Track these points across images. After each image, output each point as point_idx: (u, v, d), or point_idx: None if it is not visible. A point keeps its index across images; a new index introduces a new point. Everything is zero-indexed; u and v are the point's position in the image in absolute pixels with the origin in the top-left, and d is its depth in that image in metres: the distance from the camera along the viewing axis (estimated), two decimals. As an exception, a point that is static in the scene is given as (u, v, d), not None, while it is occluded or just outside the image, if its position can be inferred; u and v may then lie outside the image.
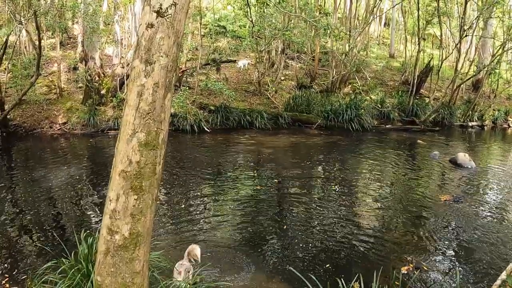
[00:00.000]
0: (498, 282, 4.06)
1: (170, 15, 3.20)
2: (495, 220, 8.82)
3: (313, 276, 4.75)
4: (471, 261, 7.03)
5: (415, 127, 18.14)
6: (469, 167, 12.40)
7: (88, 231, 5.53)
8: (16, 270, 6.41)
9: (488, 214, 9.18)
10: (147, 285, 3.50)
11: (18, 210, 8.77)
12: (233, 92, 17.25)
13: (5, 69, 15.86)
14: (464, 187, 10.93)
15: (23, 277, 6.15)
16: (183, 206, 9.15)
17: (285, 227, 8.21)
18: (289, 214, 9.03)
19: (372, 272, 5.02)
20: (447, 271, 6.82)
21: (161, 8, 3.18)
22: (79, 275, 4.75)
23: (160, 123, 3.19)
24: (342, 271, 6.16)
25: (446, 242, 7.73)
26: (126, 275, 3.31)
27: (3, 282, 6.06)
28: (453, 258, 7.18)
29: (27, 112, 15.66)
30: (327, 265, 6.77)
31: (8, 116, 14.95)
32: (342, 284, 4.57)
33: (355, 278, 4.56)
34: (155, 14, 3.18)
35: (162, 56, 3.15)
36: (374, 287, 4.56)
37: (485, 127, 19.79)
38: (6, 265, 6.56)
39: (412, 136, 17.13)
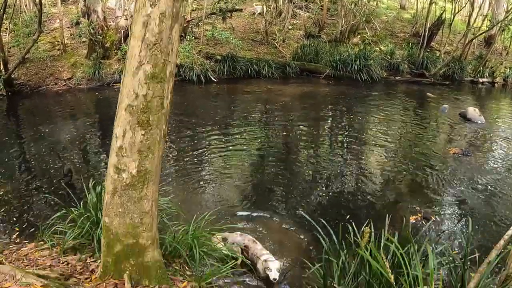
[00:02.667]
0: (510, 232, 3.95)
1: None
2: (504, 174, 8.70)
3: (323, 220, 4.69)
4: (479, 214, 6.97)
5: (424, 80, 17.75)
6: (479, 122, 12.18)
7: (96, 180, 5.48)
8: (26, 223, 6.42)
9: (497, 168, 9.07)
10: (156, 226, 3.40)
11: (27, 165, 8.76)
12: (240, 42, 16.96)
13: (6, 29, 15.44)
14: (473, 141, 10.77)
15: (34, 230, 6.17)
16: (191, 154, 9.08)
17: (293, 175, 8.14)
18: (297, 163, 8.95)
19: (381, 220, 4.95)
20: (455, 222, 6.78)
21: None
22: (88, 223, 4.71)
23: (168, 54, 3.00)
24: (350, 218, 6.13)
25: (455, 194, 7.65)
26: (134, 215, 3.21)
27: (14, 236, 6.08)
28: (461, 210, 7.12)
29: (31, 70, 15.39)
30: (336, 212, 6.74)
31: (12, 76, 14.68)
32: (353, 228, 4.51)
33: (366, 223, 4.48)
34: None
35: (168, -17, 2.93)
36: (383, 234, 4.49)
37: (496, 84, 19.33)
38: (16, 219, 6.57)
39: (422, 89, 16.81)
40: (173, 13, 2.99)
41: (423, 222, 6.52)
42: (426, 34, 18.66)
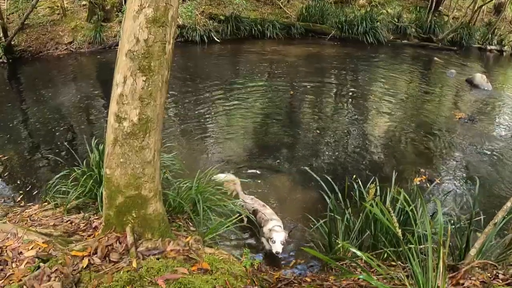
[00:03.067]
0: None
1: None
2: (510, 141, 8.59)
3: (328, 177, 4.64)
4: (484, 179, 6.90)
5: (432, 45, 17.39)
6: (486, 88, 11.98)
7: (99, 139, 5.42)
8: (30, 186, 6.42)
9: (503, 135, 8.94)
10: (159, 177, 3.32)
11: (29, 129, 8.71)
12: (243, 1, 16.50)
13: (4, -5, 15.18)
14: (480, 108, 10.62)
15: (38, 192, 6.16)
16: (195, 112, 9.01)
17: (298, 133, 8.07)
18: (302, 122, 8.87)
19: (385, 180, 4.90)
20: (460, 185, 6.73)
21: None
22: (91, 181, 4.68)
23: (169, -3, 2.87)
24: (355, 176, 6.06)
25: (460, 158, 7.58)
26: (136, 165, 3.12)
27: (19, 199, 6.07)
28: (466, 174, 7.06)
29: (31, 36, 15.07)
30: (341, 170, 6.70)
31: (12, 42, 14.43)
32: (358, 185, 4.45)
33: (371, 181, 4.42)
34: None
35: None
36: (389, 192, 4.43)
37: (504, 53, 18.94)
38: (20, 182, 6.56)
39: (428, 53, 16.48)
40: (174, -47, 2.85)
41: (428, 184, 6.47)
42: (435, -3, 18.23)
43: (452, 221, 4.45)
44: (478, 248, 3.58)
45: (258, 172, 6.52)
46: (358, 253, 2.78)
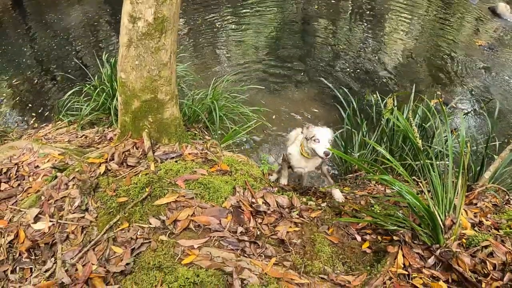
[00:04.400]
0: None
1: None
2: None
3: (344, 88, 4.54)
4: (502, 105, 6.75)
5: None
6: (509, 19, 11.45)
7: (109, 53, 5.31)
8: (42, 107, 6.41)
9: (523, 66, 8.66)
10: (175, 80, 3.24)
11: (37, 52, 8.60)
12: None
13: None
14: (501, 37, 10.22)
15: (50, 113, 6.14)
16: (206, 23, 8.79)
17: (312, 47, 7.91)
18: (316, 36, 8.66)
19: (402, 98, 4.79)
20: (476, 109, 6.61)
21: None
22: (104, 94, 4.63)
23: None
24: (372, 91, 5.97)
25: (478, 84, 7.40)
26: (152, 67, 3.03)
27: (32, 121, 6.07)
28: (483, 99, 6.91)
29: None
30: (357, 84, 6.59)
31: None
32: (377, 96, 4.36)
33: (389, 96, 4.32)
34: None
35: None
36: (407, 107, 4.35)
37: (532, -16, 18.00)
38: (32, 105, 6.54)
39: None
40: None
41: (444, 107, 6.35)
42: None
43: (469, 143, 4.39)
44: (492, 171, 3.57)
45: (272, 85, 6.42)
46: (381, 149, 2.73)
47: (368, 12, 10.60)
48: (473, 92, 7.14)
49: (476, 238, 2.48)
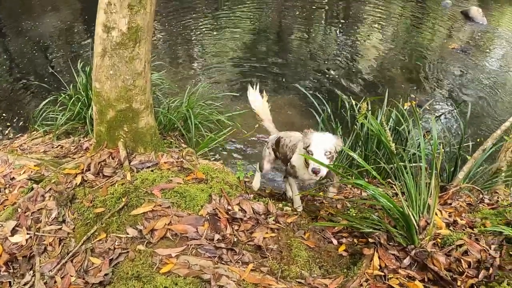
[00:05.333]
0: (507, 123, 3.90)
1: None
2: (502, 75, 8.56)
3: (319, 95, 4.61)
4: (475, 109, 6.92)
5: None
6: (481, 22, 11.75)
7: (84, 62, 5.28)
8: (17, 117, 6.31)
9: (495, 68, 8.91)
10: (150, 89, 3.25)
11: (10, 60, 8.46)
12: None
13: None
14: (473, 40, 10.50)
15: (25, 123, 6.06)
16: (181, 30, 8.79)
17: (288, 54, 7.98)
18: (292, 43, 8.75)
19: (375, 102, 4.87)
20: (449, 111, 6.76)
21: None
22: (79, 104, 4.60)
23: None
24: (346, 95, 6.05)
25: (451, 86, 7.58)
26: (127, 77, 3.04)
27: (6, 132, 5.99)
28: (456, 102, 7.08)
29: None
30: (332, 89, 6.68)
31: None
32: (352, 103, 4.43)
33: (363, 99, 4.40)
34: None
35: None
36: (380, 111, 4.44)
37: (502, -13, 18.48)
38: (6, 115, 6.45)
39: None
40: None
41: (418, 110, 6.48)
42: None
43: (442, 145, 4.49)
44: (466, 171, 3.67)
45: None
46: (354, 155, 2.80)
47: (342, 17, 10.79)
48: (446, 95, 7.31)
49: (450, 237, 2.55)
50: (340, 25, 10.26)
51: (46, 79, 7.10)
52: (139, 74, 3.08)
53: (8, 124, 6.27)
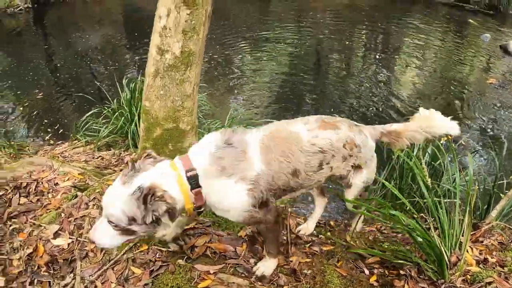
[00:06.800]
0: None
1: None
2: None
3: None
4: (510, 146, 6.80)
5: (467, 6, 16.67)
6: (521, 57, 11.61)
7: (129, 78, 5.49)
8: (59, 125, 6.56)
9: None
10: (196, 111, 3.42)
11: (56, 71, 8.85)
12: None
13: None
14: (512, 76, 10.35)
15: (66, 131, 6.30)
16: (222, 56, 9.01)
17: (325, 86, 8.05)
18: (329, 74, 8.84)
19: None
20: (485, 147, 6.68)
21: None
22: (122, 119, 4.78)
23: None
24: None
25: (488, 121, 7.48)
26: (176, 98, 3.21)
27: (47, 137, 6.21)
28: (492, 138, 6.98)
29: (56, -20, 15.08)
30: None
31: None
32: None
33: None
34: None
35: None
36: (416, 146, 4.45)
37: (543, 21, 18.21)
38: (49, 121, 6.69)
39: (464, 15, 15.80)
40: None
41: (453, 144, 6.44)
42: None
43: (476, 181, 4.46)
44: (499, 210, 3.65)
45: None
46: (389, 186, 2.86)
47: (380, 49, 10.83)
48: (482, 130, 7.23)
49: (480, 275, 2.58)
50: (378, 56, 10.30)
51: (89, 91, 7.38)
52: (188, 96, 3.24)
53: (49, 130, 6.51)
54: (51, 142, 5.97)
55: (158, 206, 1.92)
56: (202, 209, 2.21)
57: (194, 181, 2.06)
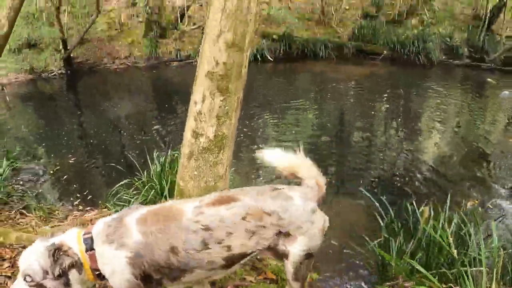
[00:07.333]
0: None
1: None
2: None
3: (383, 199, 4.72)
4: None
5: (484, 65, 16.97)
6: (541, 112, 11.62)
7: (159, 152, 5.69)
8: (87, 191, 6.74)
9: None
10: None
11: (88, 138, 9.21)
12: (296, 20, 16.80)
13: (65, 10, 16.03)
14: (534, 131, 10.34)
15: (93, 197, 6.46)
16: (247, 129, 9.22)
17: (348, 154, 8.16)
18: (352, 142, 8.95)
19: (437, 203, 4.90)
20: (510, 213, 6.60)
21: None
22: (153, 191, 4.92)
23: (247, 24, 3.09)
24: (407, 198, 6.08)
25: (512, 184, 7.42)
26: (209, 179, 3.35)
27: (76, 203, 6.39)
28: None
29: (89, 50, 15.99)
30: (394, 192, 6.73)
31: (71, 55, 15.38)
32: (414, 206, 4.50)
33: (425, 203, 4.47)
34: None
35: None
36: (442, 215, 4.46)
37: (560, 72, 18.28)
38: (79, 187, 6.89)
39: (481, 74, 16.07)
40: (251, -17, 3.08)
41: (480, 209, 6.40)
42: (487, 16, 17.85)
43: (504, 247, 4.42)
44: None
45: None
46: (419, 267, 2.88)
47: (401, 113, 11.02)
48: (508, 192, 7.17)
49: None
50: (400, 123, 10.46)
51: (120, 160, 7.61)
52: (221, 177, 3.38)
53: (78, 195, 6.68)
54: (80, 207, 6.11)
55: (63, 260, 2.23)
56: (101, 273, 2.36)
57: (88, 243, 2.31)
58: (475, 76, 16.00)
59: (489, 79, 15.22)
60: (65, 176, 7.30)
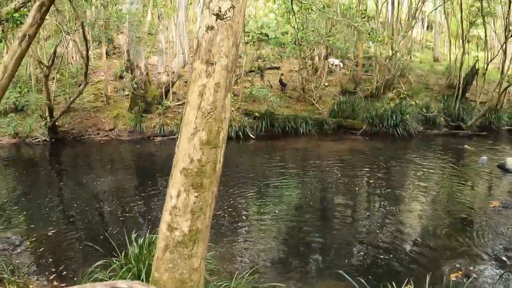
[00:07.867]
0: None
1: (229, 17, 3.28)
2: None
3: (362, 280, 4.71)
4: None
5: (461, 132, 17.60)
6: (518, 172, 11.91)
7: (138, 233, 5.67)
8: (63, 266, 6.63)
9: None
10: (203, 283, 3.57)
11: (67, 211, 9.10)
12: (277, 99, 17.26)
13: (54, 78, 16.58)
14: (513, 193, 10.53)
15: (69, 274, 6.34)
16: (229, 207, 9.24)
17: (331, 231, 8.18)
18: (333, 221, 8.98)
19: (420, 278, 4.93)
20: (497, 278, 6.60)
21: (220, 11, 3.27)
22: (130, 274, 4.88)
23: (221, 122, 3.27)
24: (389, 276, 6.06)
25: (496, 249, 7.47)
26: (184, 272, 3.38)
27: (51, 277, 6.26)
28: (504, 266, 6.93)
29: (75, 119, 16.37)
30: (375, 270, 6.70)
31: (57, 123, 15.74)
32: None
33: (405, 282, 4.49)
34: (214, 17, 3.27)
35: (222, 57, 3.23)
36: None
37: (536, 132, 18.93)
38: (53, 261, 6.77)
39: (459, 141, 16.60)
40: (226, 83, 3.29)
41: (464, 280, 6.38)
42: (461, 85, 18.71)
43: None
44: None
45: (291, 270, 6.63)
46: None
47: (384, 186, 11.17)
48: (493, 259, 7.17)
49: None
50: (381, 195, 10.58)
51: (98, 237, 7.50)
52: (195, 270, 3.43)
53: (53, 270, 6.51)
54: (55, 283, 5.96)
55: None
56: None
57: None
58: (454, 144, 16.47)
59: (466, 146, 15.66)
60: (42, 249, 7.15)
